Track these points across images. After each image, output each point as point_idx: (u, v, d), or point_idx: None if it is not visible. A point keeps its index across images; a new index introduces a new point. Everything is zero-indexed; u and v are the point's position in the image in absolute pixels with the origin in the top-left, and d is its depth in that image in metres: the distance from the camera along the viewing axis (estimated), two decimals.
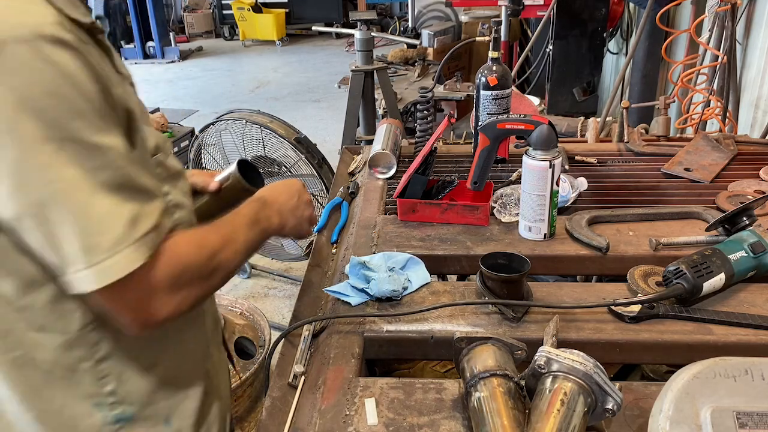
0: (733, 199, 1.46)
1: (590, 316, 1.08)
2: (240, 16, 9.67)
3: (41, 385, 0.89)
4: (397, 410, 0.91)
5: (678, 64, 3.06)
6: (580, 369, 0.79)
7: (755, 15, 2.64)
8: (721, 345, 1.01)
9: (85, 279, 0.76)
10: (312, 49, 9.63)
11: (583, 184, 1.51)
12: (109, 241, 0.75)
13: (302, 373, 1.01)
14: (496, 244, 1.31)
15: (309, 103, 6.97)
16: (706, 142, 1.76)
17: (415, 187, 1.43)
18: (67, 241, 0.75)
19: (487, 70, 1.59)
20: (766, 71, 2.52)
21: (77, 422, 0.91)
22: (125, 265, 0.76)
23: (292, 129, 2.72)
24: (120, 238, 0.76)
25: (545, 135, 1.25)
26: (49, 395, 0.90)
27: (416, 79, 4.44)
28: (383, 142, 1.70)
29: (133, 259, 0.76)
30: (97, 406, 0.91)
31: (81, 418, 0.91)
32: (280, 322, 3.05)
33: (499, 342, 0.90)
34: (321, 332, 1.11)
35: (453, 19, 5.19)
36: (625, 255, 1.27)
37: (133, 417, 0.93)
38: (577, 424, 0.77)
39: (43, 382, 0.89)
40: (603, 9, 4.13)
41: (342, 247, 1.38)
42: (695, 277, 1.06)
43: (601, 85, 4.62)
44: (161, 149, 0.92)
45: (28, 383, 0.89)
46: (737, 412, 0.75)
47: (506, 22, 3.92)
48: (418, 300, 1.15)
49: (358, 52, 3.44)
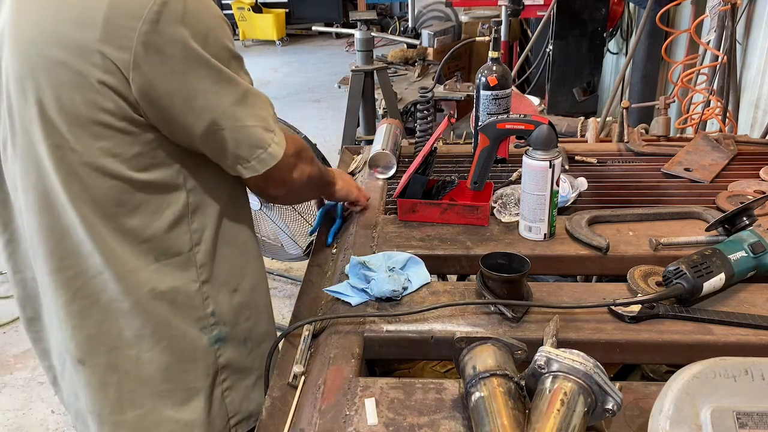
0: (733, 199, 1.46)
1: (590, 316, 1.08)
2: (240, 16, 9.66)
3: (169, 314, 1.05)
4: (397, 410, 0.91)
5: (678, 64, 3.06)
6: (580, 369, 0.79)
7: (755, 15, 2.64)
8: (721, 345, 1.01)
9: (256, 165, 1.03)
10: (312, 49, 9.63)
11: (583, 184, 1.51)
12: (266, 141, 1.02)
13: (302, 373, 1.01)
14: (496, 244, 1.31)
15: (309, 103, 6.97)
16: (706, 142, 1.76)
17: (415, 187, 1.43)
18: (253, 126, 1.00)
19: (487, 70, 1.59)
20: (766, 71, 2.52)
21: (195, 345, 1.08)
22: (278, 151, 1.04)
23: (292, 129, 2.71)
24: (270, 136, 1.03)
25: (545, 135, 1.25)
26: (175, 323, 1.05)
27: (416, 79, 4.45)
28: (383, 142, 1.70)
29: (280, 147, 1.04)
30: (203, 330, 1.09)
31: (197, 341, 1.08)
32: (280, 322, 3.05)
33: (499, 342, 0.90)
34: (321, 332, 1.11)
35: (453, 19, 5.19)
36: (625, 255, 1.27)
37: (225, 337, 1.12)
38: (577, 424, 0.77)
39: (169, 311, 1.05)
40: (603, 9, 4.13)
41: (342, 247, 1.38)
42: (695, 277, 1.06)
43: (601, 85, 4.62)
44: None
45: (159, 313, 1.04)
46: (737, 412, 0.75)
47: (506, 22, 3.92)
48: (418, 300, 1.15)
49: (358, 52, 3.44)
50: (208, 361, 1.10)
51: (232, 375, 1.14)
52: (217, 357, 1.11)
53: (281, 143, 1.05)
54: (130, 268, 1.00)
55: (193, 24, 0.90)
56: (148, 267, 1.02)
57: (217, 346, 1.11)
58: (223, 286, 1.11)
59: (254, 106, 1.01)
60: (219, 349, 1.11)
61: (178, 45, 0.89)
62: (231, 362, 1.14)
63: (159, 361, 1.06)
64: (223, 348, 1.12)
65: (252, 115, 1.00)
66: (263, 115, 1.03)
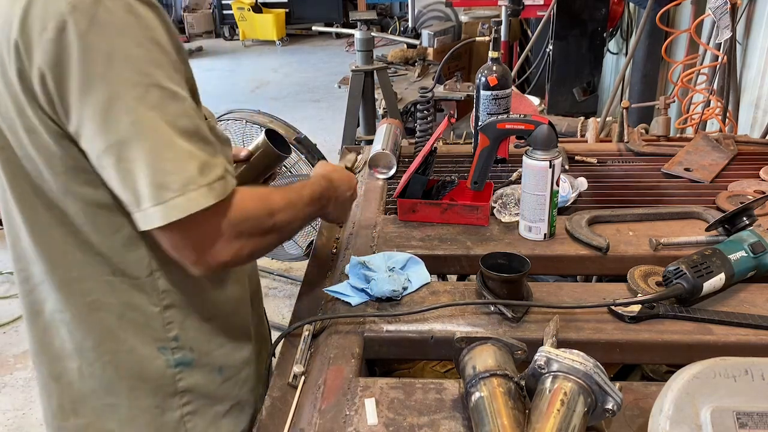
0: (733, 199, 1.46)
1: (590, 316, 1.08)
2: (240, 16, 9.67)
3: (115, 328, 0.97)
4: (397, 410, 0.91)
5: (678, 64, 3.06)
6: (580, 369, 0.79)
7: (755, 15, 2.64)
8: (721, 345, 1.01)
9: (154, 215, 0.82)
10: (312, 49, 9.63)
11: (583, 184, 1.51)
12: (179, 182, 0.81)
13: (302, 373, 1.01)
14: (496, 244, 1.31)
15: (309, 103, 6.97)
16: (706, 142, 1.76)
17: (415, 187, 1.43)
18: (141, 178, 0.81)
19: (487, 70, 1.59)
20: (766, 71, 2.52)
21: (145, 364, 1.00)
22: (192, 205, 0.82)
23: (292, 129, 2.72)
24: (190, 179, 0.82)
25: (545, 135, 1.25)
26: (122, 337, 0.98)
27: (416, 79, 4.45)
28: (383, 142, 1.70)
29: (200, 201, 0.82)
30: (161, 350, 1.00)
31: (148, 360, 1.00)
32: (280, 322, 3.05)
33: (499, 342, 0.90)
34: (321, 332, 1.11)
35: (453, 19, 5.19)
36: (625, 255, 1.27)
37: (192, 362, 1.03)
38: (577, 424, 0.77)
39: (116, 325, 0.97)
40: (603, 9, 4.13)
41: (342, 247, 1.38)
42: (695, 277, 1.06)
43: (601, 85, 4.62)
44: (209, 117, 0.99)
45: (103, 325, 0.97)
46: (737, 412, 0.75)
47: (506, 22, 3.93)
48: (418, 300, 1.15)
49: (358, 52, 3.44)
50: (162, 381, 1.01)
51: (198, 400, 1.05)
52: (176, 380, 1.02)
53: (198, 198, 0.82)
54: (75, 276, 0.93)
55: (96, 42, 0.78)
56: (99, 278, 0.94)
57: (179, 369, 1.02)
58: (192, 313, 1.01)
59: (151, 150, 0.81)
60: (180, 372, 1.02)
61: (74, 62, 0.78)
62: (196, 388, 1.04)
63: (101, 375, 0.99)
64: (188, 372, 1.02)
65: (141, 158, 0.81)
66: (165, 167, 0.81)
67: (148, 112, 0.80)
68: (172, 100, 0.82)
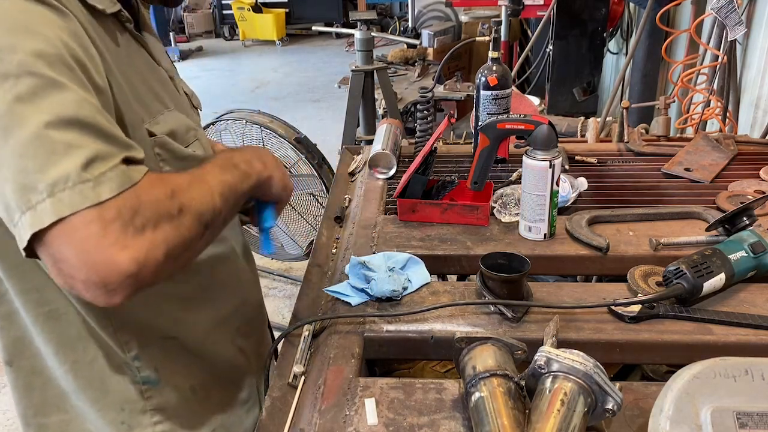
0: (733, 199, 1.46)
1: (590, 316, 1.08)
2: (240, 16, 9.66)
3: (74, 337, 0.92)
4: (397, 410, 0.91)
5: (678, 64, 3.06)
6: (580, 369, 0.79)
7: (755, 15, 2.64)
8: (721, 345, 1.01)
9: (23, 228, 0.65)
10: (312, 49, 9.63)
11: (583, 184, 1.51)
12: (46, 180, 0.65)
13: (302, 373, 1.01)
14: (496, 244, 1.31)
15: (309, 103, 6.97)
16: (706, 142, 1.76)
17: (415, 187, 1.43)
18: (8, 184, 0.66)
19: (487, 70, 1.59)
20: (766, 71, 2.52)
21: (107, 377, 0.95)
22: (61, 208, 0.65)
23: (292, 129, 2.72)
24: (63, 176, 0.66)
25: (545, 135, 1.25)
26: (82, 347, 0.93)
27: (416, 79, 4.45)
28: (383, 142, 1.70)
29: (74, 201, 0.65)
30: (125, 365, 0.96)
31: (111, 373, 0.95)
32: (280, 322, 3.05)
33: (499, 342, 0.90)
34: (321, 332, 1.11)
35: (453, 19, 5.19)
36: (625, 255, 1.27)
37: (159, 382, 0.98)
38: (577, 424, 0.77)
39: (76, 334, 0.92)
40: (603, 9, 4.13)
41: (342, 247, 1.38)
42: (695, 277, 1.06)
43: (601, 85, 4.62)
44: (178, 136, 0.93)
45: (63, 334, 0.92)
46: (737, 412, 0.75)
47: (506, 22, 3.92)
48: (418, 300, 1.15)
49: (358, 52, 3.44)
50: (128, 397, 0.97)
51: (170, 420, 1.00)
52: (144, 397, 0.97)
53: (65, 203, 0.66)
54: (30, 287, 0.89)
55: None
56: (54, 288, 0.89)
57: (146, 387, 0.97)
58: (149, 334, 0.96)
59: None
60: (148, 390, 0.97)
61: None
62: (167, 407, 0.99)
63: (67, 380, 0.96)
64: (156, 391, 0.98)
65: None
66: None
67: (14, 105, 0.67)
68: (51, 89, 0.69)
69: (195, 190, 0.79)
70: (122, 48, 0.87)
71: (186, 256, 0.78)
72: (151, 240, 0.70)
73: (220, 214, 0.83)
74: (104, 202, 0.67)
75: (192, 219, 0.77)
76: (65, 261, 0.67)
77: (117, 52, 0.85)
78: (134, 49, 0.91)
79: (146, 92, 0.91)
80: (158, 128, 0.90)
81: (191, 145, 0.97)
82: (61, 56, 0.71)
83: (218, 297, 1.05)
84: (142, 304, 0.92)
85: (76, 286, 0.68)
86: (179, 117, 0.97)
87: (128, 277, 0.68)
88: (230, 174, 0.88)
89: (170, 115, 0.95)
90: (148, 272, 0.70)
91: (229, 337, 1.09)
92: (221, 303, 1.06)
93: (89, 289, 0.68)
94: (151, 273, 0.70)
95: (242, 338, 1.13)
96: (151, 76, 0.94)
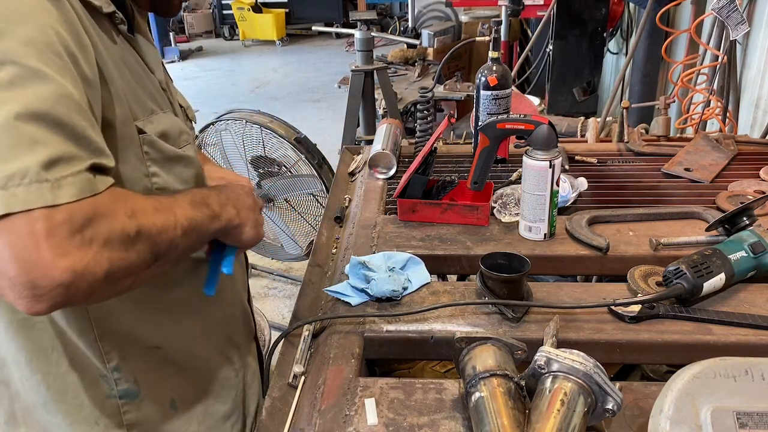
0: (733, 199, 1.46)
1: (590, 316, 1.08)
2: (240, 16, 9.67)
3: (48, 347, 0.89)
4: (397, 410, 0.91)
5: (678, 64, 3.06)
6: (580, 369, 0.79)
7: (755, 15, 2.64)
8: (721, 345, 1.01)
9: None
10: (312, 49, 9.63)
11: (583, 184, 1.51)
12: (4, 171, 0.63)
13: (302, 373, 1.01)
14: (496, 244, 1.31)
15: (309, 103, 6.97)
16: (706, 142, 1.76)
17: (415, 187, 1.43)
18: None
19: (487, 70, 1.59)
20: (766, 71, 2.52)
21: (81, 390, 0.92)
22: (17, 203, 0.63)
23: (292, 129, 2.72)
24: (19, 172, 0.63)
25: (545, 135, 1.25)
26: (55, 358, 0.90)
27: (416, 79, 4.45)
28: (383, 142, 1.70)
29: (31, 199, 0.63)
30: (102, 378, 0.92)
31: (85, 387, 0.92)
32: (280, 322, 3.05)
33: (499, 342, 0.90)
34: (321, 332, 1.11)
35: (453, 19, 5.19)
36: (625, 255, 1.27)
37: (138, 395, 0.95)
38: (577, 424, 0.77)
39: (50, 345, 0.89)
40: (603, 9, 4.13)
41: (342, 247, 1.38)
42: (695, 277, 1.06)
43: (601, 85, 4.62)
44: (170, 137, 0.92)
45: (36, 344, 0.89)
46: (737, 412, 0.75)
47: (506, 22, 3.93)
48: (418, 300, 1.15)
49: (358, 52, 3.44)
50: (103, 411, 0.93)
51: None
52: (121, 412, 0.94)
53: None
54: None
55: None
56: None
57: (123, 401, 0.94)
58: (132, 343, 0.93)
59: None
60: (125, 405, 0.94)
61: None
62: (145, 422, 0.96)
63: (38, 391, 0.92)
64: (134, 405, 0.95)
65: None
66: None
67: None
68: (32, 80, 0.67)
69: (158, 217, 0.76)
70: (118, 47, 0.87)
71: (126, 283, 0.73)
72: (95, 255, 0.66)
73: (177, 248, 0.79)
74: (58, 206, 0.64)
75: (145, 246, 0.73)
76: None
77: (113, 49, 0.85)
78: (128, 51, 0.90)
79: (141, 91, 0.90)
80: (150, 127, 0.88)
81: (183, 148, 0.96)
82: (51, 44, 0.70)
83: (204, 307, 1.02)
84: (127, 311, 0.90)
85: (1, 282, 0.64)
86: (174, 119, 0.96)
87: (59, 286, 0.64)
88: (200, 211, 0.84)
89: (165, 116, 0.93)
90: (82, 287, 0.66)
91: (217, 348, 1.06)
92: (208, 312, 1.03)
93: (15, 288, 0.63)
94: (85, 290, 0.67)
95: (232, 348, 1.10)
96: (145, 79, 0.93)
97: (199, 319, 1.01)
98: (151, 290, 0.92)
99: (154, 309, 0.95)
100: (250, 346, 1.19)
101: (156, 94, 0.94)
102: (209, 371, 1.05)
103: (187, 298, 0.99)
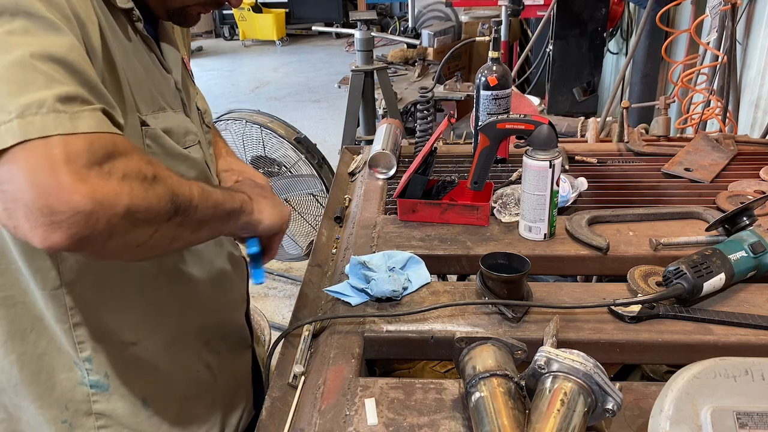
0: (733, 199, 1.46)
1: (590, 316, 1.08)
2: (240, 16, 9.67)
3: (27, 327, 0.89)
4: (397, 410, 0.91)
5: (678, 64, 3.06)
6: (580, 369, 0.79)
7: (755, 15, 2.64)
8: (721, 345, 1.01)
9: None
10: (312, 49, 9.63)
11: (583, 184, 1.51)
12: (18, 102, 0.61)
13: (302, 373, 1.01)
14: (496, 244, 1.31)
15: (309, 103, 6.97)
16: (706, 142, 1.76)
17: (415, 187, 1.43)
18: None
19: (487, 70, 1.59)
20: (766, 71, 2.52)
21: (55, 373, 0.92)
22: (34, 130, 0.61)
23: (292, 129, 2.72)
24: (38, 102, 0.62)
25: (545, 135, 1.25)
26: (33, 339, 0.90)
27: (416, 79, 4.45)
28: (383, 142, 1.70)
29: (49, 126, 0.61)
30: (75, 364, 0.92)
31: (59, 370, 0.92)
32: (280, 322, 3.05)
33: (499, 342, 0.90)
34: (321, 332, 1.11)
35: (453, 19, 5.19)
36: (625, 255, 1.27)
37: (108, 388, 0.94)
38: (577, 424, 0.77)
39: (29, 325, 0.89)
40: (603, 9, 4.13)
41: (342, 247, 1.38)
42: (695, 277, 1.06)
43: (601, 85, 4.62)
44: (173, 135, 0.92)
45: (15, 323, 0.89)
46: (737, 412, 0.75)
47: (506, 22, 3.92)
48: (418, 300, 1.15)
49: (358, 52, 3.44)
50: (73, 396, 0.93)
51: (115, 427, 0.96)
52: (91, 401, 0.94)
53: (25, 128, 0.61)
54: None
55: None
56: (13, 276, 0.87)
57: (93, 391, 0.93)
58: (106, 337, 0.92)
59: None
60: (95, 395, 0.93)
61: None
62: (114, 414, 0.95)
63: (9, 372, 0.92)
64: (104, 397, 0.94)
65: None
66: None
67: (4, 36, 0.64)
68: (46, 29, 0.66)
69: (174, 176, 0.74)
70: (132, 43, 0.87)
71: (147, 231, 0.69)
72: (115, 187, 0.64)
73: (196, 209, 0.76)
74: (77, 134, 0.62)
75: (164, 191, 0.70)
76: (12, 181, 0.60)
77: (124, 42, 0.85)
78: (143, 49, 0.91)
79: (151, 87, 0.90)
80: (154, 122, 0.88)
81: (188, 148, 0.96)
82: (61, 7, 0.69)
83: (184, 309, 1.02)
84: (105, 304, 0.90)
85: (17, 212, 0.60)
86: (182, 119, 0.96)
87: (78, 213, 0.60)
88: (211, 187, 0.84)
89: (174, 115, 0.94)
90: (102, 220, 0.62)
91: (195, 352, 1.05)
92: (188, 316, 1.03)
93: (31, 215, 0.60)
94: (104, 224, 0.63)
95: (212, 355, 1.09)
96: (159, 76, 0.93)
97: (176, 322, 1.01)
98: (132, 286, 0.93)
99: (132, 306, 0.95)
100: (237, 353, 1.17)
101: (167, 93, 0.95)
102: (185, 374, 1.04)
103: (166, 298, 0.99)
